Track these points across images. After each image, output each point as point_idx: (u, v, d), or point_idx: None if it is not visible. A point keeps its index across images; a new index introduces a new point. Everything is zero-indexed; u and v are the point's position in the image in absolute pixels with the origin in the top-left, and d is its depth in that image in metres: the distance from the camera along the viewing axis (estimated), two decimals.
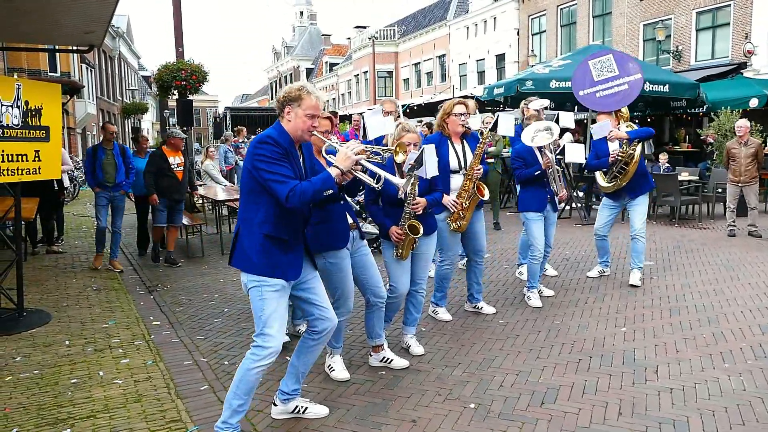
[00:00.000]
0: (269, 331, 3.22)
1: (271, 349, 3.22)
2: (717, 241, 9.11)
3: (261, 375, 3.27)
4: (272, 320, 3.23)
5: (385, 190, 4.39)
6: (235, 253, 3.33)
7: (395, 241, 4.42)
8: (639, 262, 6.70)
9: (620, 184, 6.58)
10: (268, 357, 3.22)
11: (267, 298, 3.23)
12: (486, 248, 5.68)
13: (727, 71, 18.34)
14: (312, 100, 3.23)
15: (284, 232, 3.26)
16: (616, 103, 9.15)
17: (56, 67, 24.71)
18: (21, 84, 5.46)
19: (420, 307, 4.79)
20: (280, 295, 3.26)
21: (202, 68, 12.69)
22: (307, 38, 62.85)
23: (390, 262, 4.54)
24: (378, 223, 4.58)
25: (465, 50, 33.99)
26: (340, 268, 3.98)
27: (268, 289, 3.23)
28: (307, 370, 3.66)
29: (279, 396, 3.67)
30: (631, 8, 22.69)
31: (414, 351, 4.71)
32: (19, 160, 5.44)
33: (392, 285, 4.53)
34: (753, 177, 9.40)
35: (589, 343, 4.89)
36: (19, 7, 5.79)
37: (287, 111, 3.25)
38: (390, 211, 4.46)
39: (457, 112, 5.16)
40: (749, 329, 5.13)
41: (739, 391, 3.93)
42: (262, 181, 3.15)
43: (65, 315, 5.94)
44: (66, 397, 4.01)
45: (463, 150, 5.25)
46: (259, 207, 3.22)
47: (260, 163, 3.13)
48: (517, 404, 3.80)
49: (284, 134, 3.25)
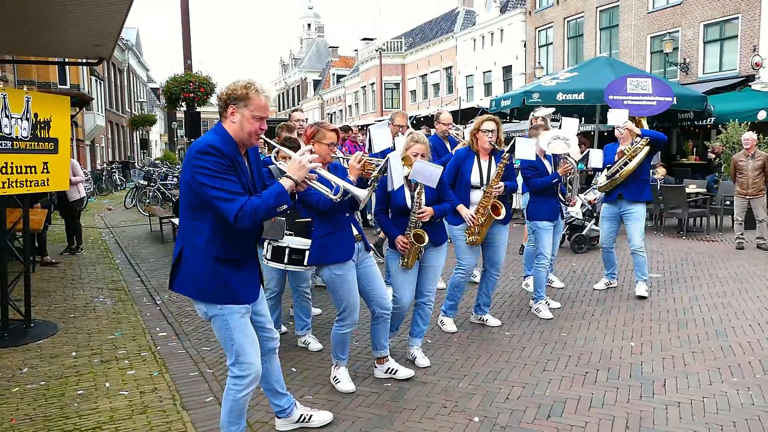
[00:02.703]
0: (245, 359, 3.00)
1: (252, 375, 3.04)
2: (725, 254, 9.06)
3: (250, 397, 3.15)
4: (246, 347, 2.99)
5: (393, 200, 4.43)
6: (178, 277, 2.93)
7: (401, 249, 4.43)
8: (643, 274, 6.68)
9: (616, 181, 6.55)
10: (251, 384, 3.06)
11: (234, 327, 2.96)
12: (503, 262, 5.67)
13: (735, 84, 18.31)
14: (261, 100, 2.86)
15: (234, 251, 2.92)
16: (638, 110, 9.35)
17: (66, 80, 24.90)
18: (30, 96, 5.51)
19: (427, 319, 4.79)
20: (246, 318, 3.02)
21: (210, 80, 12.80)
22: (314, 50, 63.19)
23: (395, 273, 4.55)
24: (386, 232, 4.61)
25: (472, 62, 34.11)
26: (346, 279, 3.98)
27: (233, 316, 2.95)
28: (280, 380, 3.51)
29: (278, 414, 3.62)
30: (638, 21, 22.71)
31: (420, 363, 4.70)
32: (27, 172, 5.47)
33: (395, 296, 4.54)
34: (761, 190, 9.36)
35: (596, 355, 4.86)
36: (30, 22, 5.86)
37: (231, 111, 2.85)
38: (399, 221, 4.49)
39: (485, 128, 5.22)
40: (758, 343, 5.09)
41: (748, 405, 3.90)
42: (206, 198, 2.75)
43: (72, 326, 5.96)
44: (72, 409, 4.02)
45: (488, 167, 5.30)
46: (204, 225, 2.84)
47: (202, 177, 2.72)
48: (524, 417, 3.78)
49: (228, 140, 2.84)
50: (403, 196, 4.46)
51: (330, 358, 4.38)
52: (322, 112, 57.11)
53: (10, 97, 5.29)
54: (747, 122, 13.65)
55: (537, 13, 28.47)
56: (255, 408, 3.87)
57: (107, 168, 29.33)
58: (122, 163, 34.30)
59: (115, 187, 27.45)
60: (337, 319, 4.11)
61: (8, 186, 5.27)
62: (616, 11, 24.00)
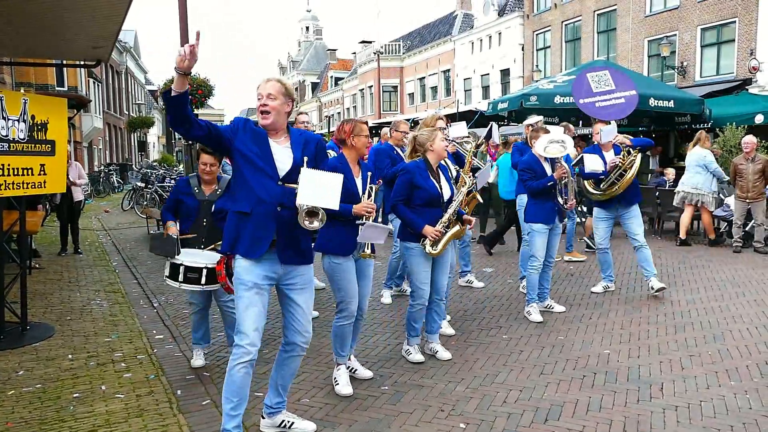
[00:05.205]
0: (241, 328, 3.27)
1: (245, 348, 3.24)
2: (723, 258, 9.07)
3: (245, 374, 3.27)
4: (244, 318, 3.26)
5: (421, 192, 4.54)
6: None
7: (433, 237, 4.50)
8: (652, 269, 6.77)
9: (616, 192, 6.67)
10: (244, 355, 3.24)
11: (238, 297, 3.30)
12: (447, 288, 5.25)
13: (732, 87, 18.35)
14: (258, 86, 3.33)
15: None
16: (614, 114, 9.43)
17: (64, 82, 24.88)
18: (27, 98, 5.50)
19: (443, 314, 4.95)
20: (251, 292, 3.28)
21: (208, 82, 12.80)
22: (312, 53, 63.24)
23: (417, 268, 4.63)
24: (410, 223, 4.57)
25: (470, 65, 34.16)
26: (344, 269, 4.08)
27: (239, 287, 3.30)
28: (286, 383, 3.62)
29: (264, 410, 3.66)
30: (635, 24, 22.77)
31: (442, 356, 4.84)
32: (24, 174, 5.46)
33: (418, 291, 4.64)
34: (761, 193, 9.37)
35: (593, 359, 4.85)
36: (28, 24, 5.85)
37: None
38: (425, 212, 4.55)
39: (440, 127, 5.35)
40: (755, 347, 5.09)
41: (746, 409, 3.90)
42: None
43: (68, 329, 5.94)
44: (68, 412, 4.00)
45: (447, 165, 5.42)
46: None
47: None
48: (521, 421, 3.77)
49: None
50: (433, 185, 4.58)
51: (328, 362, 4.37)
52: (320, 114, 57.13)
53: (7, 98, 5.28)
54: (744, 126, 13.67)
55: (535, 17, 28.53)
56: (252, 411, 3.85)
57: (105, 170, 29.27)
58: (120, 165, 34.26)
59: (112, 189, 27.42)
60: (337, 312, 4.18)
61: (5, 188, 5.26)
62: (613, 15, 24.07)
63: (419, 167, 4.63)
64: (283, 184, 3.28)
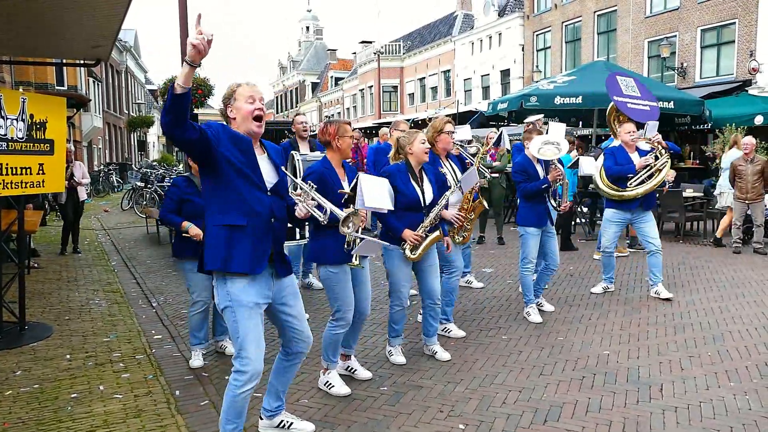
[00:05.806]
0: (245, 354, 3.09)
1: (250, 372, 3.09)
2: (722, 259, 9.06)
3: (248, 397, 3.17)
4: (247, 342, 3.08)
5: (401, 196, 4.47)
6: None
7: (413, 242, 4.47)
8: (660, 275, 6.77)
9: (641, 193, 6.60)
10: (250, 381, 3.10)
11: (239, 320, 3.08)
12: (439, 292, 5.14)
13: (732, 88, 18.35)
14: (244, 89, 3.15)
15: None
16: (642, 117, 9.48)
17: (63, 81, 24.87)
18: (26, 97, 5.49)
19: (438, 316, 4.94)
20: (254, 312, 3.12)
21: (208, 82, 12.77)
22: (312, 53, 63.20)
23: (396, 272, 4.60)
24: (390, 227, 4.52)
25: (470, 65, 34.15)
26: (341, 278, 4.04)
27: (240, 310, 3.08)
28: (286, 388, 3.61)
29: (263, 413, 3.64)
30: (635, 25, 22.77)
31: (441, 357, 4.85)
32: (23, 173, 5.45)
33: (398, 296, 4.61)
34: (760, 194, 9.37)
35: (592, 360, 4.84)
36: (28, 23, 5.83)
37: (230, 111, 3.16)
38: (405, 216, 4.51)
39: (448, 130, 5.31)
40: (755, 347, 5.08)
41: (745, 410, 3.89)
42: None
43: (67, 328, 5.93)
44: (66, 412, 3.99)
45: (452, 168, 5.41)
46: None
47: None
48: (520, 422, 3.76)
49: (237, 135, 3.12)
50: (413, 189, 4.53)
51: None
52: (320, 114, 57.10)
53: (5, 97, 5.27)
54: (743, 127, 13.67)
55: (535, 17, 28.53)
56: (251, 411, 3.84)
57: (104, 169, 29.27)
58: (119, 165, 34.24)
59: (112, 189, 27.41)
60: (331, 319, 4.15)
61: (3, 187, 5.25)
62: (613, 15, 24.07)
63: (400, 170, 4.57)
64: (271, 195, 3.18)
